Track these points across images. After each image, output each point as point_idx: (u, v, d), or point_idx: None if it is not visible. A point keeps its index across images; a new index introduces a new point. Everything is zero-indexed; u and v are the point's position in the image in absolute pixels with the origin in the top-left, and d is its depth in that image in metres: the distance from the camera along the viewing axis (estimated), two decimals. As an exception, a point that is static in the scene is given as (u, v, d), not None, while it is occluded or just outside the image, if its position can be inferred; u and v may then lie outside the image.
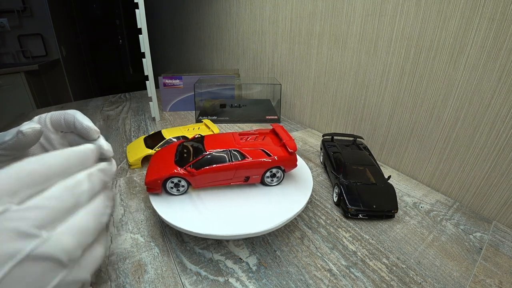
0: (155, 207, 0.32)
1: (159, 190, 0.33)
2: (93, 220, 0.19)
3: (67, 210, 0.18)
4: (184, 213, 0.31)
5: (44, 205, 0.16)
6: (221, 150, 0.34)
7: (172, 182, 0.33)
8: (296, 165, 0.36)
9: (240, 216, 0.31)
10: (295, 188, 0.36)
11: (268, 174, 0.35)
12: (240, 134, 0.40)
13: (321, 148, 0.52)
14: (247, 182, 0.36)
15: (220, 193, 0.35)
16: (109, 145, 0.26)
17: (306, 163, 0.51)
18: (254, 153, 0.35)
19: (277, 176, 0.36)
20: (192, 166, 0.33)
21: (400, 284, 0.28)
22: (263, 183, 0.36)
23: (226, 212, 0.32)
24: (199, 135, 0.43)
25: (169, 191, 0.34)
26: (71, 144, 0.28)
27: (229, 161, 0.34)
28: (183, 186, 0.34)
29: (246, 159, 0.34)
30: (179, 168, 0.33)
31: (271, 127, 0.41)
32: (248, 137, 0.39)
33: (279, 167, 0.35)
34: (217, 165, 0.33)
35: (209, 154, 0.34)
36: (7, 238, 0.15)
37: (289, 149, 0.35)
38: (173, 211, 0.31)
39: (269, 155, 0.35)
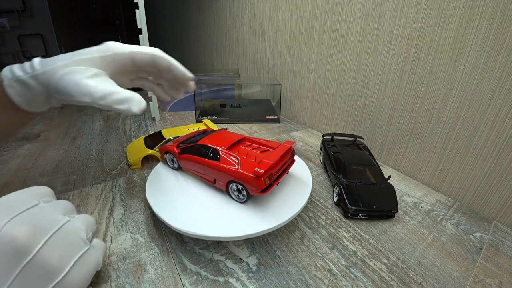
0: (153, 208, 0.32)
1: (164, 160, 0.41)
2: (89, 217, 0.28)
3: (72, 210, 0.27)
4: (183, 214, 0.31)
5: (59, 204, 0.26)
6: (207, 145, 0.35)
7: (170, 156, 0.40)
8: (260, 192, 0.30)
9: (239, 217, 0.31)
10: (295, 188, 0.36)
11: (234, 186, 0.32)
12: (249, 139, 0.39)
13: (321, 148, 0.52)
14: (214, 184, 0.35)
15: (220, 193, 0.35)
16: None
17: (306, 163, 0.51)
18: (230, 159, 0.33)
19: (242, 193, 0.32)
20: (181, 149, 0.38)
21: (400, 284, 0.28)
22: (228, 193, 0.34)
23: (225, 212, 0.32)
24: (224, 129, 0.43)
25: (168, 162, 0.41)
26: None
27: (205, 157, 0.35)
28: (175, 163, 0.40)
29: (216, 161, 0.33)
30: (176, 148, 0.39)
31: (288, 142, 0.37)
32: (250, 145, 0.37)
33: (243, 186, 0.31)
34: (193, 156, 0.36)
35: (196, 145, 0.37)
36: (49, 215, 0.23)
37: (256, 168, 0.29)
38: (172, 212, 0.31)
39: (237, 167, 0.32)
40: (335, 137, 0.52)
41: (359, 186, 0.38)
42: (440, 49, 0.42)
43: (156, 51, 0.33)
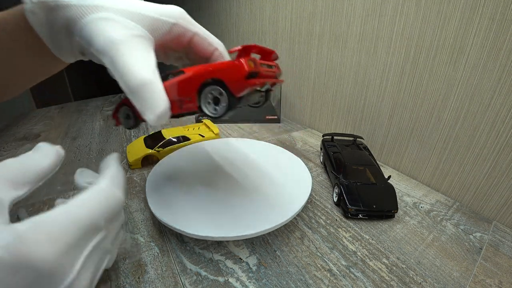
0: (153, 209, 0.32)
1: (117, 122, 0.30)
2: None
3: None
4: (183, 214, 0.31)
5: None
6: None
7: (125, 111, 0.29)
8: (247, 84, 0.21)
9: (239, 217, 0.31)
10: (294, 188, 0.36)
11: (209, 97, 0.23)
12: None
13: (321, 148, 0.52)
14: (182, 110, 0.24)
15: (219, 193, 0.35)
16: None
17: (306, 163, 0.51)
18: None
19: (221, 102, 0.22)
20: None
21: (400, 284, 0.28)
22: (202, 111, 0.24)
23: (225, 212, 0.32)
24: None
25: (122, 121, 0.30)
26: None
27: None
28: (131, 118, 0.29)
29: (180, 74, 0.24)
30: None
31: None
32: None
33: (219, 83, 0.22)
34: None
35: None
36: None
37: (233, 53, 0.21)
38: (172, 212, 0.31)
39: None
40: (335, 137, 0.52)
41: (359, 186, 0.38)
42: (440, 49, 0.42)
43: (222, 46, 0.28)
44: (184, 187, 0.37)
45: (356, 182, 0.39)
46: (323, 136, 0.53)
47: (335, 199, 0.40)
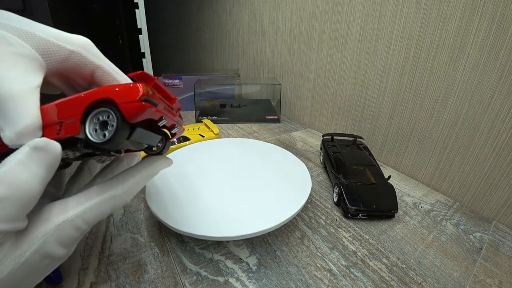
0: (153, 209, 0.32)
1: None
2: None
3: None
4: (183, 214, 0.31)
5: None
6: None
7: None
8: (141, 106, 0.17)
9: (240, 217, 0.31)
10: (294, 188, 0.36)
11: (93, 123, 0.18)
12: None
13: (321, 148, 0.52)
14: (60, 135, 0.18)
15: (219, 193, 0.35)
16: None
17: (306, 163, 0.51)
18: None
19: (109, 127, 0.18)
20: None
21: (400, 284, 0.28)
22: (87, 143, 0.18)
23: (225, 212, 0.32)
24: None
25: None
26: None
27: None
28: None
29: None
30: None
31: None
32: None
33: (108, 105, 0.18)
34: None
35: None
36: None
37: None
38: (172, 212, 0.31)
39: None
40: (335, 137, 0.52)
41: (359, 186, 0.38)
42: (440, 49, 0.42)
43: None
44: (184, 187, 0.37)
45: (356, 182, 0.39)
46: (323, 136, 0.53)
47: (335, 199, 0.40)
